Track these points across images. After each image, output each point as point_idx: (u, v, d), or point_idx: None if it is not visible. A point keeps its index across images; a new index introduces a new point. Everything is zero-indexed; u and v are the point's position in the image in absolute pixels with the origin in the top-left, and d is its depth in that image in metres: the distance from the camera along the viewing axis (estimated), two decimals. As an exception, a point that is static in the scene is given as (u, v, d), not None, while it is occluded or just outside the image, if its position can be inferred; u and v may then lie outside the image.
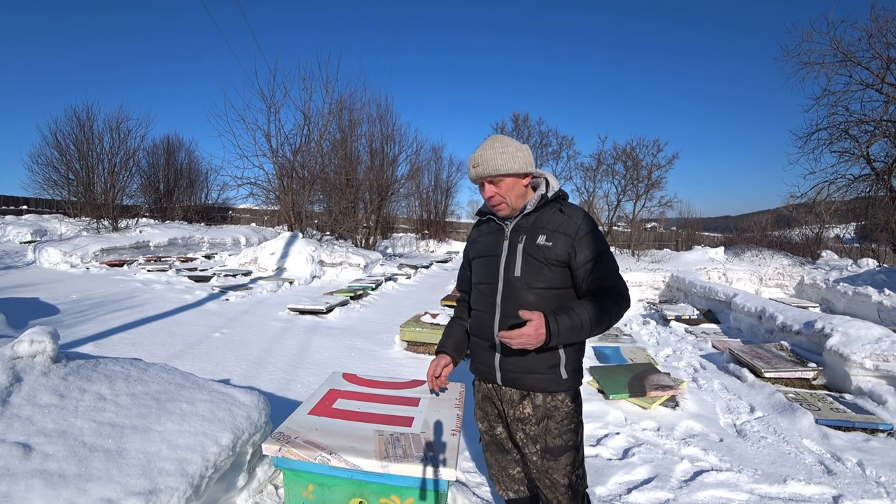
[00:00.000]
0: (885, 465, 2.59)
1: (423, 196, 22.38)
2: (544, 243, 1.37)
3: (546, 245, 1.37)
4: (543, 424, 1.41)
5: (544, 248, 1.37)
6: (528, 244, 1.39)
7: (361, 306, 6.89)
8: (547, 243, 1.37)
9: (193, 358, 3.92)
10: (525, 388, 1.43)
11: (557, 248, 1.36)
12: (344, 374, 1.92)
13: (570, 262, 1.37)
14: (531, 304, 1.37)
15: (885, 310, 6.81)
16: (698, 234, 18.11)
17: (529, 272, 1.38)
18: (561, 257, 1.36)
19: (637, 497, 2.28)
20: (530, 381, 1.41)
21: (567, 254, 1.36)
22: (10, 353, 1.72)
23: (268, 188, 12.25)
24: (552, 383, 1.40)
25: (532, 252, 1.38)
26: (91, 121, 12.52)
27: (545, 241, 1.37)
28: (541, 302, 1.37)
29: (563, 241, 1.36)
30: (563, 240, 1.36)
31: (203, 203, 18.71)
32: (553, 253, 1.36)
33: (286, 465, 1.34)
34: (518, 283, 1.39)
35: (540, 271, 1.38)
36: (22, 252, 9.92)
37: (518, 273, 1.39)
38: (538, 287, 1.38)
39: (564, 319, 1.26)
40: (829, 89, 10.42)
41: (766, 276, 10.43)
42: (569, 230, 1.37)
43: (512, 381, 1.44)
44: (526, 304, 1.38)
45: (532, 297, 1.38)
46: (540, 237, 1.38)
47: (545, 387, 1.40)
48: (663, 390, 3.44)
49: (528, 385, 1.41)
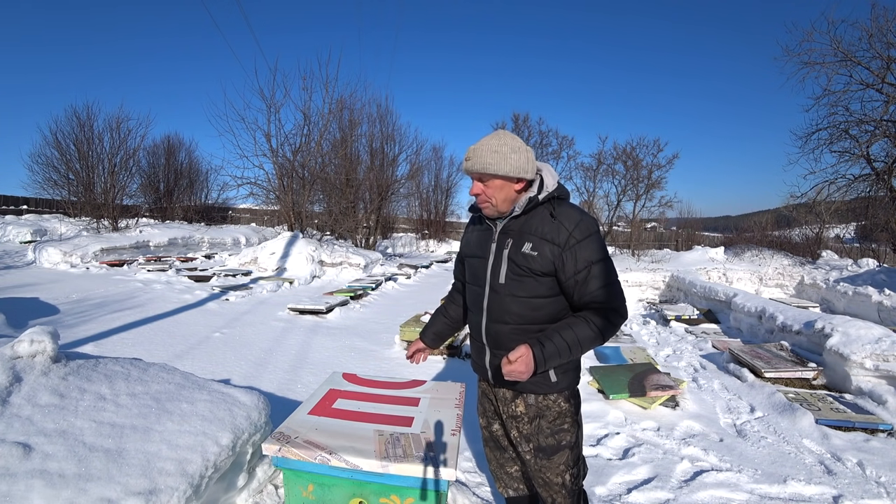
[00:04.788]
0: (885, 465, 2.59)
1: (423, 196, 22.37)
2: (529, 252, 1.29)
3: (530, 255, 1.29)
4: (536, 423, 1.40)
5: (528, 258, 1.29)
6: (514, 251, 1.33)
7: (361, 306, 6.88)
8: (532, 252, 1.29)
9: (193, 358, 3.92)
10: (512, 388, 1.43)
11: (542, 258, 1.28)
12: (344, 374, 1.92)
13: (556, 272, 1.29)
14: (513, 313, 1.35)
15: (885, 310, 6.80)
16: (698, 234, 18.08)
17: (513, 281, 1.33)
18: (545, 268, 1.29)
19: (637, 497, 2.28)
20: (521, 383, 1.39)
21: (553, 264, 1.28)
22: (10, 353, 1.72)
23: (268, 188, 12.25)
24: (542, 385, 1.38)
25: (516, 260, 1.32)
26: (91, 120, 12.55)
27: (530, 250, 1.29)
28: (523, 310, 1.34)
29: (549, 251, 1.28)
30: (549, 249, 1.28)
31: (203, 203, 18.72)
32: (537, 263, 1.29)
33: (286, 465, 1.34)
34: (502, 290, 1.35)
35: (523, 280, 1.31)
36: (22, 252, 9.92)
37: (502, 280, 1.34)
38: (521, 296, 1.33)
39: (550, 347, 1.25)
40: (829, 89, 10.42)
41: (766, 276, 10.42)
42: (557, 239, 1.28)
43: (502, 381, 1.43)
44: (508, 312, 1.36)
45: (516, 305, 1.34)
46: (526, 245, 1.30)
47: (534, 389, 1.39)
48: (663, 390, 3.44)
49: (519, 386, 1.41)
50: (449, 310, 1.73)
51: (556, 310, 1.35)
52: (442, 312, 1.75)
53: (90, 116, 12.53)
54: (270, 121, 11.64)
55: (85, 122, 12.49)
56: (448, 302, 1.75)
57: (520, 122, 17.18)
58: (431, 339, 1.74)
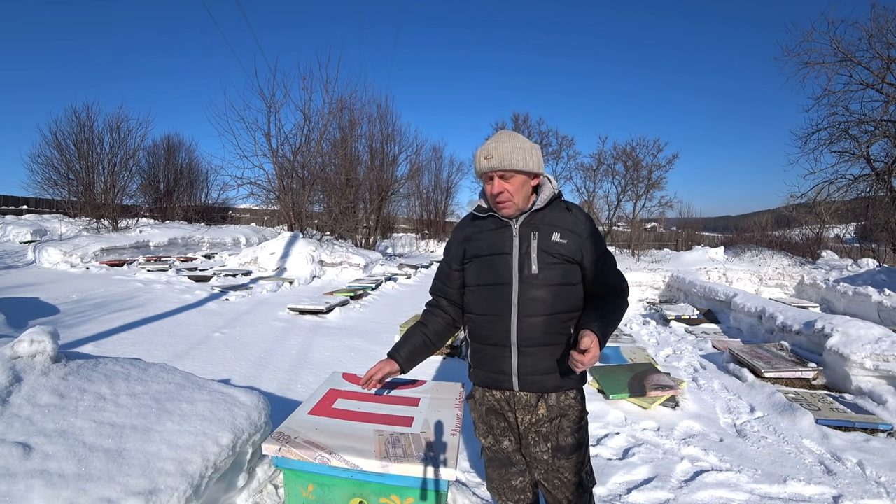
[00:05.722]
0: (885, 465, 2.59)
1: (423, 196, 22.40)
2: (559, 240, 1.37)
3: (561, 242, 1.37)
4: (556, 423, 1.40)
5: (559, 245, 1.37)
6: (543, 241, 1.38)
7: (361, 306, 6.89)
8: (562, 241, 1.37)
9: (193, 358, 3.92)
10: (542, 390, 1.41)
11: (571, 245, 1.37)
12: (344, 374, 1.92)
13: (580, 260, 1.39)
14: (547, 303, 1.37)
15: (885, 310, 6.80)
16: (698, 234, 18.09)
17: (546, 269, 1.37)
18: (574, 255, 1.38)
19: (637, 497, 2.28)
20: (549, 381, 1.39)
21: (579, 252, 1.38)
22: (10, 353, 1.72)
23: (268, 188, 12.26)
24: (567, 380, 1.40)
25: (547, 249, 1.37)
26: (91, 120, 12.55)
27: (560, 238, 1.38)
28: (556, 299, 1.37)
29: (574, 240, 1.38)
30: (574, 238, 1.38)
31: (203, 203, 18.72)
32: (567, 250, 1.37)
33: (286, 465, 1.33)
34: (535, 280, 1.37)
35: (555, 268, 1.37)
36: (22, 252, 9.91)
37: (535, 270, 1.36)
38: (554, 284, 1.37)
39: (607, 329, 1.32)
40: (829, 89, 10.43)
41: (766, 276, 10.43)
42: (578, 229, 1.39)
43: (530, 384, 1.40)
44: (542, 302, 1.36)
45: (549, 295, 1.37)
46: (554, 234, 1.38)
47: (561, 384, 1.40)
48: (663, 390, 3.44)
49: (547, 386, 1.40)
50: (429, 323, 1.56)
51: (579, 297, 1.43)
52: (420, 327, 1.57)
53: (90, 116, 12.56)
54: (270, 121, 11.66)
55: (85, 122, 12.51)
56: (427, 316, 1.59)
57: (520, 122, 17.18)
58: (406, 357, 1.53)
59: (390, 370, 1.52)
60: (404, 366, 1.54)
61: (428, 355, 1.59)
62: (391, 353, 1.56)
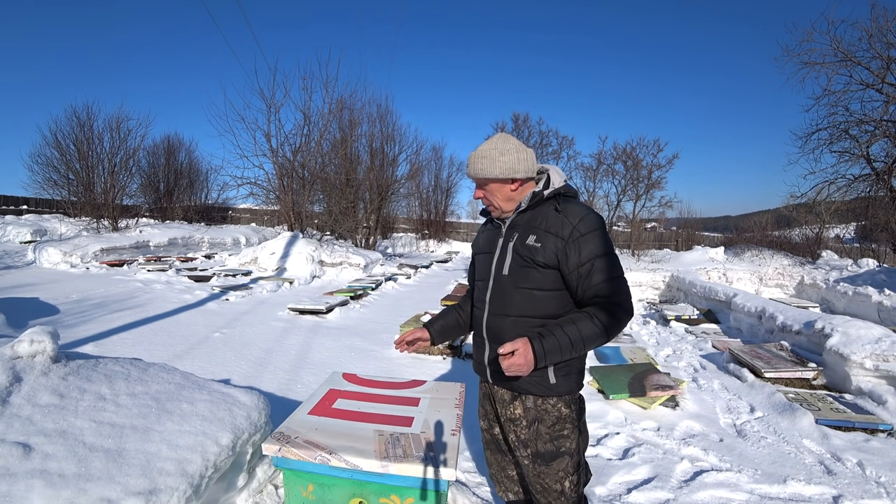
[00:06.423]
0: (885, 465, 2.59)
1: (423, 196, 22.37)
2: (533, 244, 1.33)
3: (534, 246, 1.33)
4: (534, 428, 1.38)
5: (532, 249, 1.33)
6: (519, 243, 1.36)
7: (361, 306, 6.88)
8: (535, 244, 1.33)
9: (193, 358, 3.92)
10: (512, 389, 1.41)
11: (546, 250, 1.31)
12: (344, 374, 1.92)
13: (559, 265, 1.31)
14: (514, 304, 1.36)
15: (885, 310, 6.81)
16: (698, 234, 18.09)
17: (517, 272, 1.36)
18: (549, 260, 1.31)
19: (637, 497, 2.28)
20: (519, 382, 1.38)
21: (556, 256, 1.30)
22: (10, 353, 1.72)
23: (268, 188, 12.25)
24: (540, 387, 1.36)
25: (521, 251, 1.35)
26: (91, 120, 12.56)
27: (534, 242, 1.33)
28: (525, 302, 1.35)
29: (552, 243, 1.31)
30: (552, 241, 1.31)
31: (203, 203, 18.71)
32: (540, 255, 1.31)
33: (286, 465, 1.34)
34: (506, 281, 1.38)
35: (527, 271, 1.34)
36: (22, 252, 9.92)
37: (506, 272, 1.38)
38: (525, 287, 1.35)
39: (550, 341, 1.24)
40: (829, 89, 10.45)
41: (766, 276, 10.43)
42: (561, 232, 1.31)
43: (499, 380, 1.42)
44: (510, 304, 1.37)
45: (518, 297, 1.36)
46: (530, 237, 1.34)
47: (533, 390, 1.37)
48: (663, 390, 3.44)
49: (517, 387, 1.39)
50: (464, 306, 1.68)
51: (557, 305, 1.35)
52: (457, 308, 1.69)
53: (90, 116, 12.57)
54: (270, 121, 11.66)
55: (85, 122, 12.52)
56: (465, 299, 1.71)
57: (520, 123, 17.21)
58: (438, 331, 1.65)
59: (422, 336, 1.63)
60: (436, 338, 1.65)
61: (459, 334, 1.71)
62: (426, 323, 1.68)
